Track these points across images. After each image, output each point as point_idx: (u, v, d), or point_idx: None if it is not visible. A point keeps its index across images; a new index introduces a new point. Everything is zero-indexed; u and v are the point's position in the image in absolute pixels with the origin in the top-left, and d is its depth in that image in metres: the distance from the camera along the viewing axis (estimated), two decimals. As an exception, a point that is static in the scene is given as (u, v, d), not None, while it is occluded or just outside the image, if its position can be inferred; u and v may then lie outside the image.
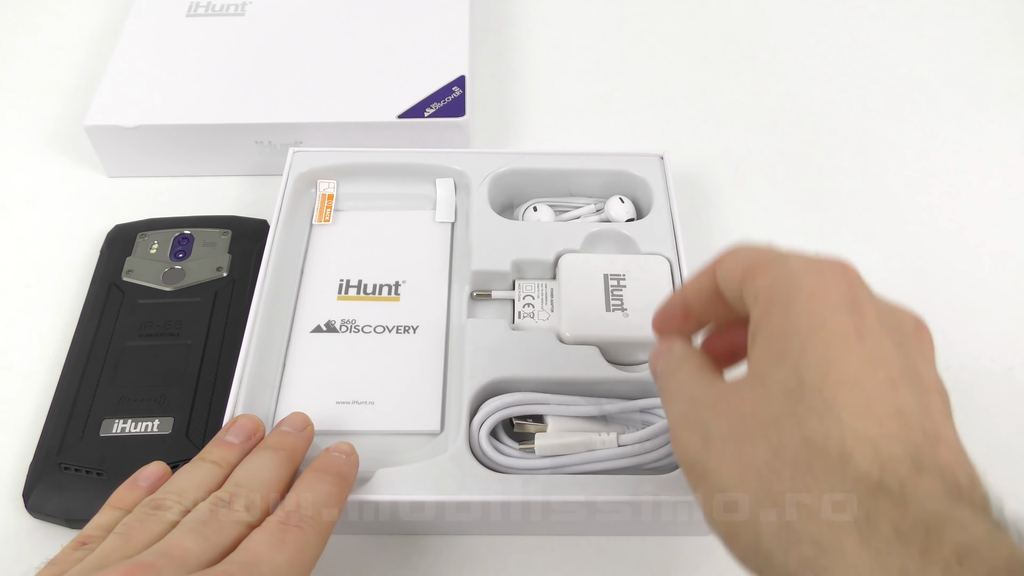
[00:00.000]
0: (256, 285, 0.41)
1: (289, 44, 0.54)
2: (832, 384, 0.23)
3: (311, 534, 0.30)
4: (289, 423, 0.36)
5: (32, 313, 0.46)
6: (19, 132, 0.55)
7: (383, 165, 0.47)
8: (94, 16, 0.63)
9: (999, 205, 0.51)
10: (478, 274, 0.42)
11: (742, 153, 0.54)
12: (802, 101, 0.58)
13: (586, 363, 0.38)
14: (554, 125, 0.56)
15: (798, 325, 0.24)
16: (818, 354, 0.23)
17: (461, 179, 0.47)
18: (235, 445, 0.34)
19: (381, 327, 0.42)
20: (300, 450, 0.35)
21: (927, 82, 0.59)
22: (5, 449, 0.40)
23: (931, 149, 0.55)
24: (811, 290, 0.24)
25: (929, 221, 0.51)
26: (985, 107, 0.57)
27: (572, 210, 0.47)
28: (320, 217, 0.46)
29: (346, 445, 0.35)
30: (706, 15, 0.63)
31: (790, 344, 0.24)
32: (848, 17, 0.63)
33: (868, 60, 0.60)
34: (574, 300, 0.41)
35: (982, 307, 0.47)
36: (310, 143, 0.50)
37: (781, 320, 0.24)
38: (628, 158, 0.47)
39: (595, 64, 0.60)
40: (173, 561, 0.28)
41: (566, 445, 0.36)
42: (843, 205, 0.51)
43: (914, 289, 0.47)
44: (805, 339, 0.24)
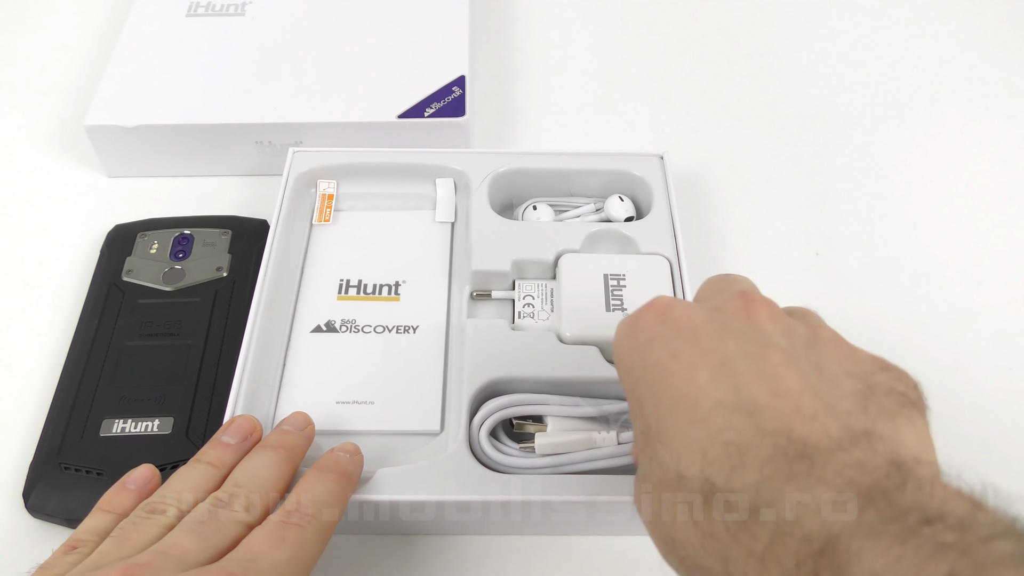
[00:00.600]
0: (256, 285, 0.41)
1: (289, 44, 0.54)
2: (659, 415, 0.24)
3: (311, 532, 0.30)
4: (290, 422, 0.36)
5: (32, 313, 0.46)
6: (19, 132, 0.55)
7: (383, 165, 0.47)
8: (94, 16, 0.63)
9: (999, 205, 0.51)
10: (478, 274, 0.42)
11: (742, 153, 0.54)
12: (802, 101, 0.58)
13: (586, 363, 0.38)
14: (554, 125, 0.56)
15: (626, 379, 0.27)
16: (646, 394, 0.25)
17: (461, 179, 0.47)
18: (231, 446, 0.34)
19: (381, 327, 0.42)
20: (300, 449, 0.35)
21: (927, 82, 0.59)
22: (5, 449, 0.40)
23: (931, 149, 0.55)
24: (618, 348, 0.27)
25: (929, 221, 0.51)
26: (985, 107, 0.57)
27: (572, 209, 0.47)
28: (320, 217, 0.46)
29: (351, 445, 0.35)
30: (706, 15, 0.63)
31: (632, 401, 0.26)
32: (848, 17, 0.63)
33: (868, 60, 0.60)
34: (574, 300, 0.41)
35: (982, 307, 0.47)
36: (310, 143, 0.50)
37: (625, 382, 0.27)
38: (628, 158, 0.47)
39: (595, 64, 0.60)
40: (171, 560, 0.27)
41: (566, 443, 0.36)
42: (843, 205, 0.51)
43: (914, 289, 0.47)
44: (634, 389, 0.26)
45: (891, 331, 0.45)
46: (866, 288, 0.47)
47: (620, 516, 0.36)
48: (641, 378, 0.25)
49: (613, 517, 0.36)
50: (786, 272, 0.48)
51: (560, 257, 0.43)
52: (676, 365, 0.24)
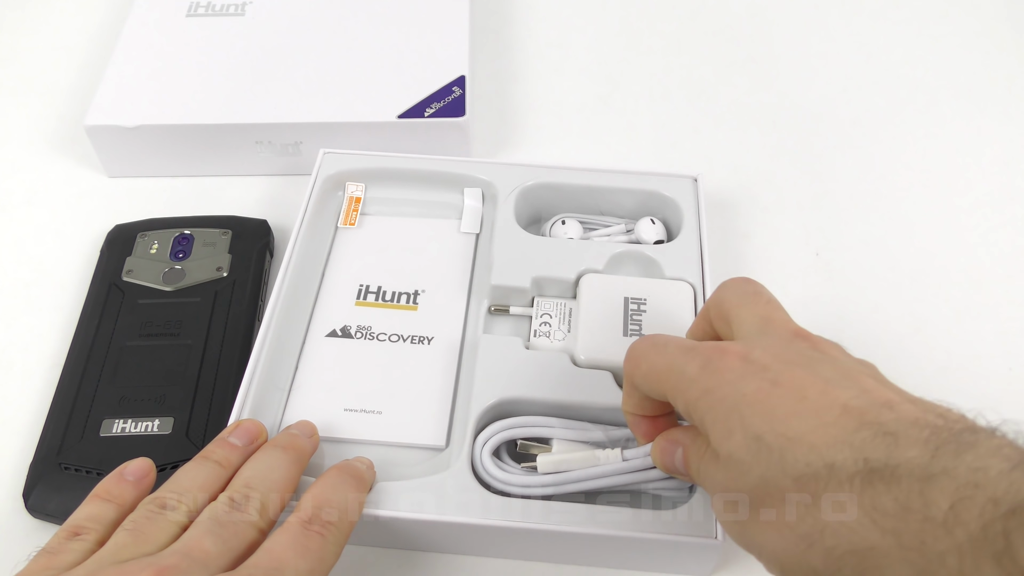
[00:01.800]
0: (275, 284, 0.41)
1: (289, 44, 0.54)
2: (779, 423, 0.25)
3: (332, 542, 0.30)
4: (297, 427, 0.36)
5: (32, 313, 0.46)
6: (19, 132, 0.55)
7: (412, 171, 0.47)
8: (94, 16, 0.63)
9: (999, 205, 0.51)
10: (497, 288, 0.41)
11: (742, 152, 0.54)
12: (802, 101, 0.58)
13: (598, 388, 0.37)
14: (554, 125, 0.56)
15: (699, 405, 0.27)
16: (753, 413, 0.26)
17: (489, 190, 0.46)
18: (238, 448, 0.34)
19: (396, 336, 0.41)
20: (307, 454, 0.35)
21: (927, 82, 0.59)
22: (5, 449, 0.40)
23: (931, 149, 0.55)
24: (681, 374, 0.28)
25: (929, 221, 0.50)
26: (985, 107, 0.57)
27: (602, 228, 0.46)
28: (346, 220, 0.46)
29: (367, 460, 0.35)
30: (706, 15, 0.63)
31: (731, 421, 0.26)
32: (848, 17, 0.63)
33: (868, 60, 0.60)
34: (591, 322, 0.40)
35: (982, 307, 0.46)
36: (310, 143, 0.50)
37: (708, 411, 0.27)
38: (660, 178, 0.46)
39: (595, 64, 0.60)
40: (196, 564, 0.28)
41: (569, 460, 0.35)
42: (843, 205, 0.51)
43: (914, 289, 0.47)
44: (733, 410, 0.26)
45: (891, 331, 0.45)
46: (866, 288, 0.47)
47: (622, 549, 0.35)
48: (739, 400, 0.26)
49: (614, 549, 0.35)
50: (786, 272, 0.48)
51: (581, 277, 0.42)
52: (779, 390, 0.26)
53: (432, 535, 0.36)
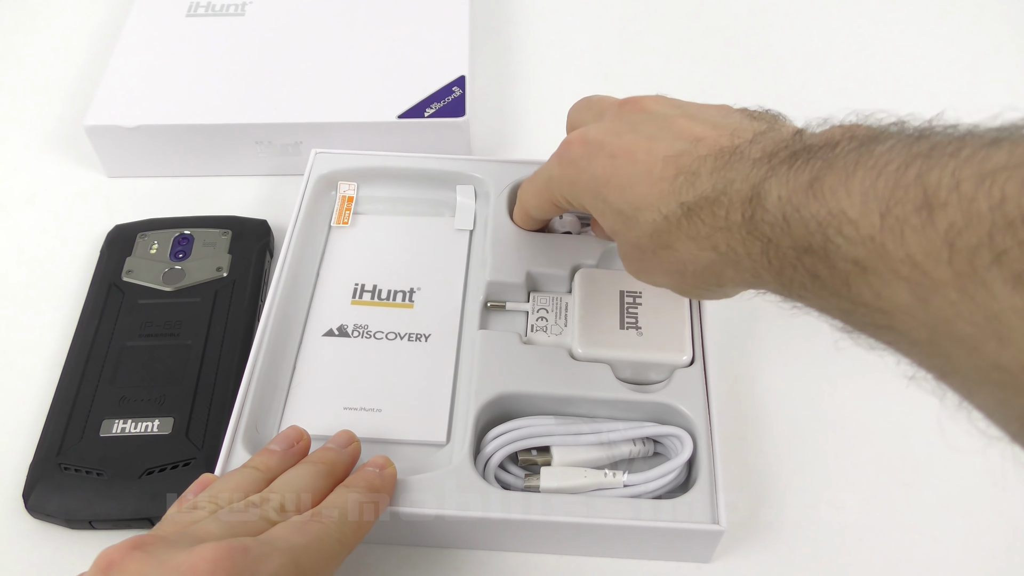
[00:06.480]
0: (271, 285, 0.41)
1: (289, 44, 0.54)
2: (626, 194, 0.31)
3: (333, 529, 0.30)
4: (334, 441, 0.36)
5: (32, 313, 0.46)
6: (19, 132, 0.55)
7: (404, 169, 0.47)
8: (94, 16, 0.63)
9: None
10: (493, 284, 0.42)
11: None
12: (802, 101, 0.57)
13: (596, 381, 0.38)
14: (554, 125, 0.56)
15: (584, 197, 0.34)
16: (607, 191, 0.32)
17: (482, 187, 0.46)
18: (277, 452, 0.34)
19: (393, 334, 0.41)
20: (341, 465, 0.35)
21: (927, 82, 0.59)
22: (5, 449, 0.40)
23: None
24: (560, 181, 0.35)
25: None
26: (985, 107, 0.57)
27: None
28: (339, 219, 0.46)
29: (381, 459, 0.35)
30: (706, 15, 0.63)
31: (598, 203, 0.33)
32: (848, 17, 0.63)
33: (868, 60, 0.60)
34: (588, 316, 0.40)
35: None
36: (310, 143, 0.50)
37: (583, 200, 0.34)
38: None
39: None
40: (187, 536, 0.28)
41: (572, 487, 0.36)
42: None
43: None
44: (595, 197, 0.33)
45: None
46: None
47: (622, 538, 0.35)
48: (596, 183, 0.32)
49: (614, 539, 0.36)
50: (786, 272, 0.48)
51: (576, 271, 0.42)
52: (617, 161, 0.31)
53: (435, 530, 0.36)
